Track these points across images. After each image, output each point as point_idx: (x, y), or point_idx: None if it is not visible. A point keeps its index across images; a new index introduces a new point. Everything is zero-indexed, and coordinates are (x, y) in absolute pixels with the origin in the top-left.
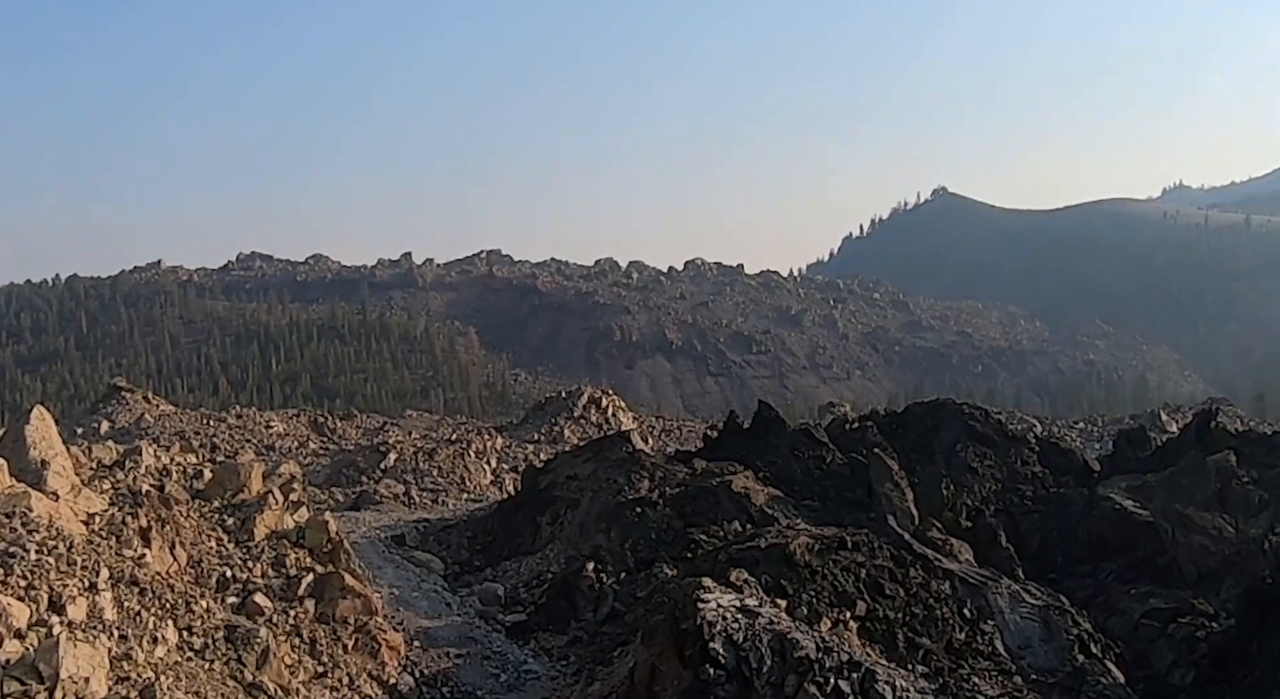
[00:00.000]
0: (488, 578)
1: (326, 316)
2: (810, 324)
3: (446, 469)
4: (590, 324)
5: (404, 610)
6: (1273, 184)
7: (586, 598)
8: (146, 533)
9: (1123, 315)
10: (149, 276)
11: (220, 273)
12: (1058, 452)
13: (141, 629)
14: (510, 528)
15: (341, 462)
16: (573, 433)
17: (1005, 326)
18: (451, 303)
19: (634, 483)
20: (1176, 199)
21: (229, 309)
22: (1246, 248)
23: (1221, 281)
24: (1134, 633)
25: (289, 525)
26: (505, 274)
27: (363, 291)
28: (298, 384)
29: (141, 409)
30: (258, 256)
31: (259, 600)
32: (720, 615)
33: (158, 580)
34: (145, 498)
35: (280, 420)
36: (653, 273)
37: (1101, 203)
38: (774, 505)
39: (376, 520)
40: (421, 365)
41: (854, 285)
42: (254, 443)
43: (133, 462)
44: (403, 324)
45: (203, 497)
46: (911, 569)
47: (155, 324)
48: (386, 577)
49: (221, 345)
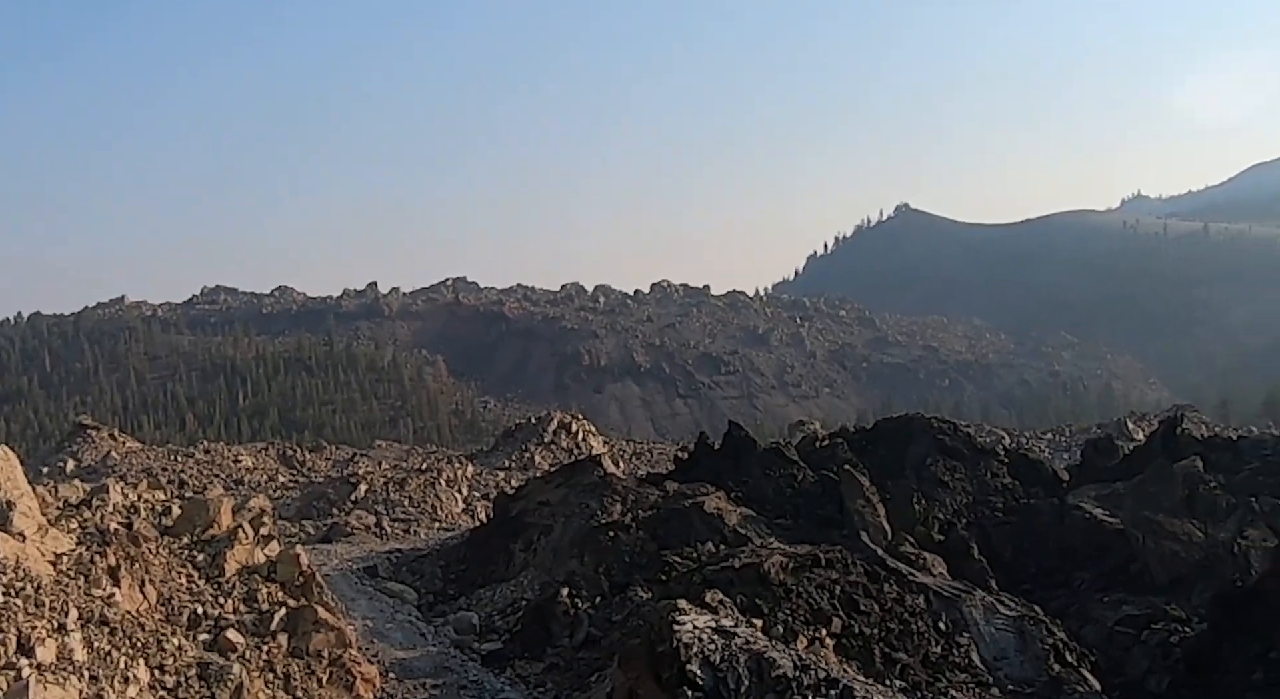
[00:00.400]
0: (462, 607)
1: (293, 348)
2: (778, 343)
3: (417, 499)
4: (558, 349)
5: (378, 642)
6: (1230, 192)
7: (562, 624)
8: (115, 571)
9: (1087, 325)
10: (113, 313)
11: (185, 307)
12: (1027, 463)
13: (113, 669)
14: (483, 556)
15: (311, 494)
16: (543, 458)
17: (971, 340)
18: (418, 331)
19: (606, 507)
20: (1136, 209)
21: (194, 343)
22: (1206, 255)
23: (1183, 289)
24: (1108, 641)
25: (260, 560)
26: (472, 301)
27: (329, 322)
28: (265, 417)
29: (107, 446)
30: (222, 290)
31: (231, 636)
32: (696, 637)
33: (128, 619)
34: (113, 536)
35: (249, 454)
36: (619, 296)
37: (1062, 214)
38: (747, 525)
39: (348, 552)
40: (390, 395)
41: (820, 303)
42: (222, 477)
43: (100, 500)
44: (370, 354)
45: (172, 533)
46: (886, 584)
47: (120, 360)
48: (360, 609)
49: (187, 380)
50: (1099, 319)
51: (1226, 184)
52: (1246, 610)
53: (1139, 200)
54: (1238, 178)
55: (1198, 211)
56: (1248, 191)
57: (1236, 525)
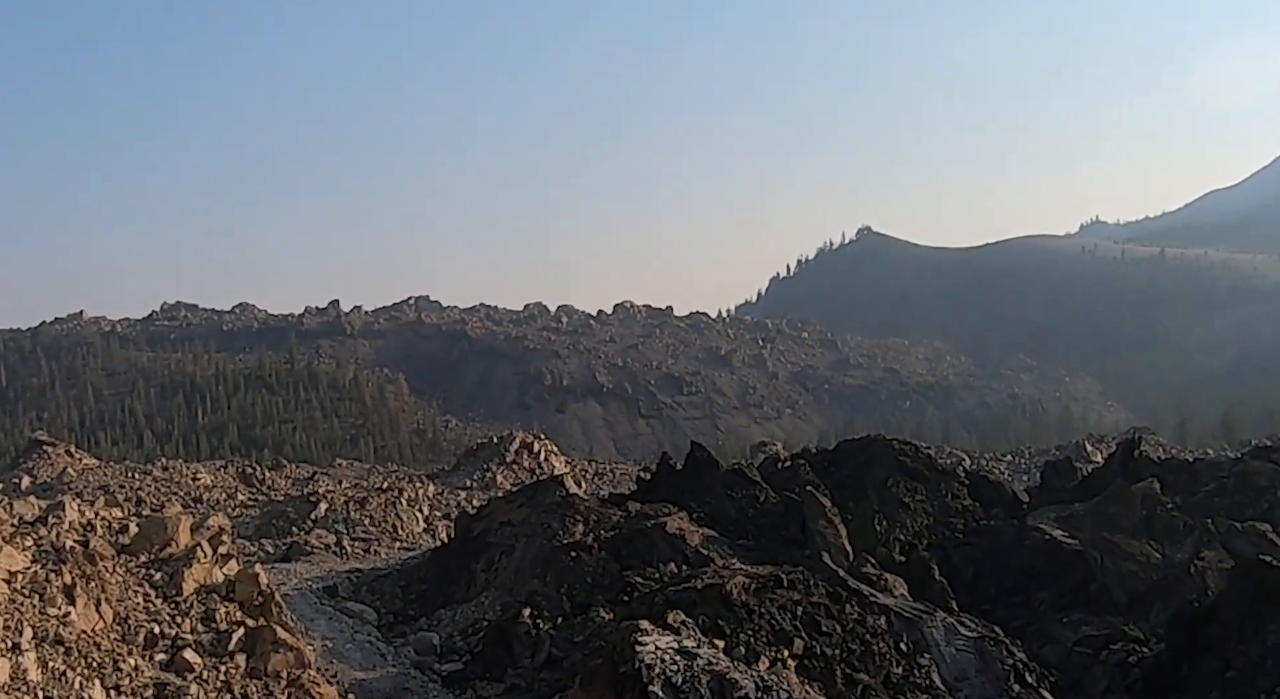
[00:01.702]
0: (422, 627)
1: (253, 366)
2: (740, 364)
3: (378, 518)
4: (521, 369)
5: (338, 663)
6: (1187, 217)
7: (523, 645)
8: (71, 590)
9: (1046, 348)
10: (70, 328)
11: (144, 323)
12: (987, 484)
13: (68, 690)
14: (444, 576)
15: (271, 513)
16: (505, 478)
17: (931, 362)
18: (380, 350)
19: (568, 527)
20: (1094, 234)
21: (154, 360)
22: (1162, 279)
23: (1140, 312)
24: (1068, 660)
25: (218, 579)
26: (434, 320)
27: (290, 340)
28: (225, 435)
29: (64, 463)
30: (183, 306)
31: (188, 657)
32: (659, 658)
33: (83, 639)
34: (69, 554)
35: (207, 472)
36: (582, 316)
37: (1022, 239)
38: (709, 546)
39: (308, 571)
40: (351, 413)
41: (782, 325)
42: (181, 495)
43: (55, 517)
44: (331, 372)
45: (129, 552)
46: (847, 605)
47: (77, 376)
48: (319, 629)
49: (146, 397)
50: (1058, 342)
51: (1183, 209)
52: (1204, 630)
53: (1097, 225)
54: (1194, 203)
55: (1155, 236)
56: (1204, 217)
57: (1194, 546)
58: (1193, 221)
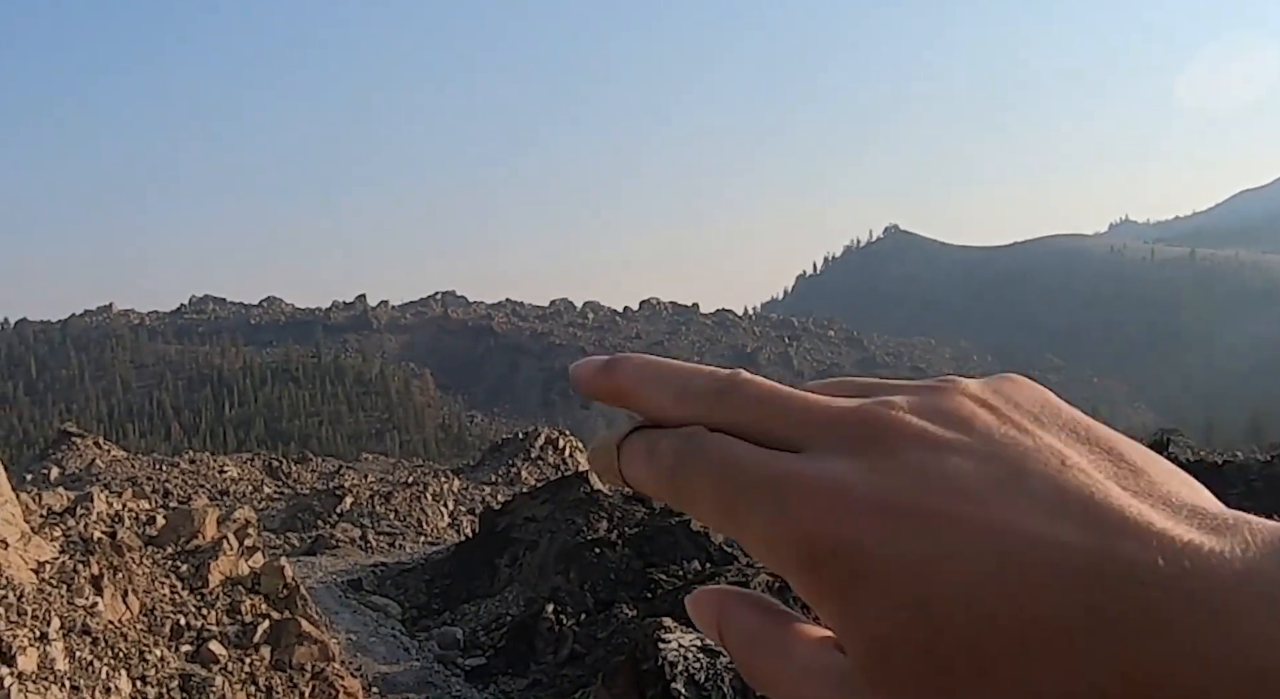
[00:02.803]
0: (446, 622)
1: (280, 359)
2: (765, 362)
3: (403, 512)
4: (546, 364)
5: (362, 656)
6: (1217, 217)
7: (546, 640)
8: (98, 581)
9: (1072, 349)
10: (100, 320)
11: (173, 316)
12: None
13: (94, 679)
14: (468, 571)
15: (297, 506)
16: (530, 474)
17: (958, 362)
18: (406, 345)
19: (592, 523)
20: (1123, 233)
21: (181, 353)
22: (1192, 280)
23: (1168, 314)
24: None
25: (244, 571)
26: (460, 315)
27: (317, 334)
28: (251, 428)
29: (92, 455)
30: (210, 299)
31: (214, 648)
32: (681, 655)
33: (110, 629)
34: (97, 545)
35: (234, 465)
36: (608, 313)
37: (1050, 238)
38: (733, 543)
39: (333, 565)
40: (377, 408)
41: (808, 323)
42: (207, 488)
43: (84, 508)
44: (357, 366)
45: (156, 543)
46: None
47: (106, 368)
48: (344, 622)
49: (174, 389)
50: (1085, 342)
51: (1214, 209)
52: None
53: (1126, 225)
54: (1225, 203)
55: (1184, 237)
56: (1234, 217)
57: None
58: (1223, 221)
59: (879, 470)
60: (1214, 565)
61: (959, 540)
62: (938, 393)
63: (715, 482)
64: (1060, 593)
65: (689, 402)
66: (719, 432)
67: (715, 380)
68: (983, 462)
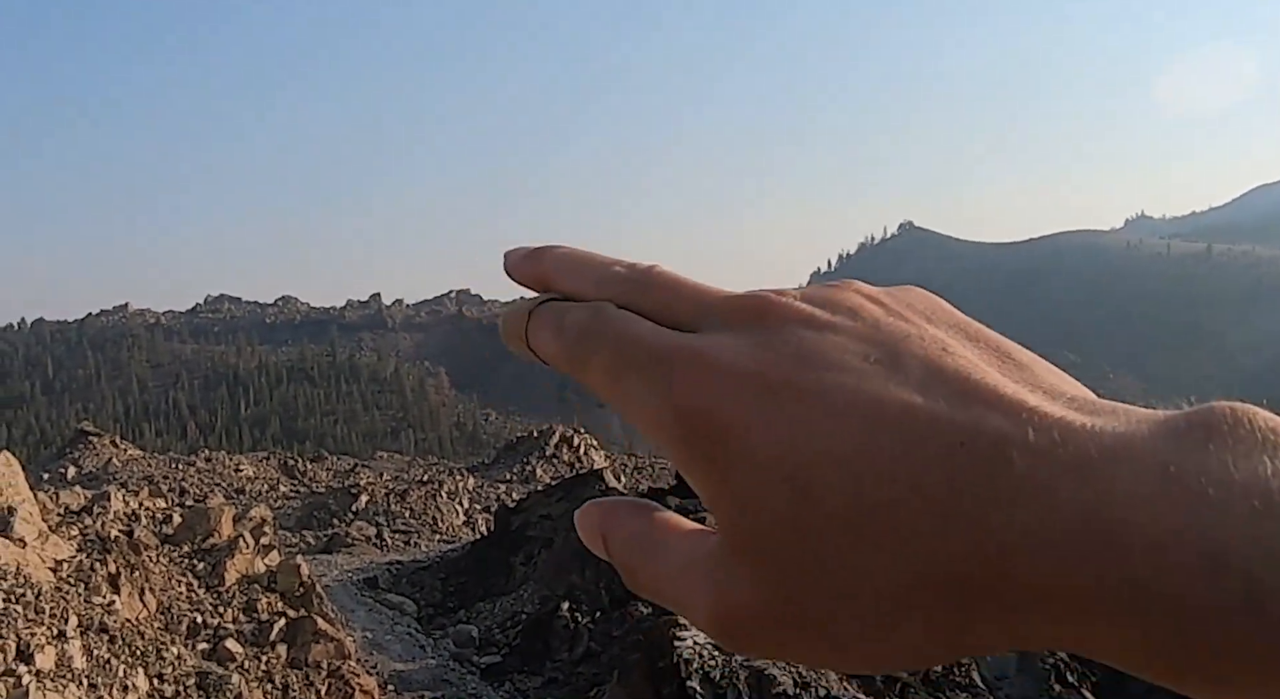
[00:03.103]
0: (461, 620)
1: (295, 358)
2: None
3: (418, 510)
4: None
5: (377, 654)
6: (1233, 213)
7: (561, 638)
8: (115, 579)
9: (1088, 345)
10: (116, 319)
11: (188, 315)
12: None
13: (111, 677)
14: (483, 569)
15: (312, 504)
16: (545, 472)
17: None
18: (421, 343)
19: None
20: (1139, 229)
21: (197, 352)
22: (1208, 276)
23: (1185, 309)
24: None
25: (260, 569)
26: (475, 314)
27: (332, 333)
28: (267, 427)
29: (109, 454)
30: (226, 298)
31: (230, 646)
32: (696, 653)
33: (127, 627)
34: (114, 543)
35: (250, 463)
36: None
37: (1066, 234)
38: None
39: (348, 563)
40: (391, 406)
41: None
42: (223, 486)
43: (101, 507)
44: (372, 365)
45: (172, 542)
46: None
47: (122, 367)
48: (359, 620)
49: (189, 388)
50: (1101, 338)
51: (1230, 205)
52: None
53: (1143, 220)
54: (1241, 199)
55: (1201, 232)
56: (1251, 213)
57: None
58: (1240, 217)
59: (759, 345)
60: (1084, 439)
61: (830, 412)
62: (832, 288)
63: (611, 352)
64: (927, 461)
65: (604, 286)
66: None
67: (630, 268)
68: (861, 342)
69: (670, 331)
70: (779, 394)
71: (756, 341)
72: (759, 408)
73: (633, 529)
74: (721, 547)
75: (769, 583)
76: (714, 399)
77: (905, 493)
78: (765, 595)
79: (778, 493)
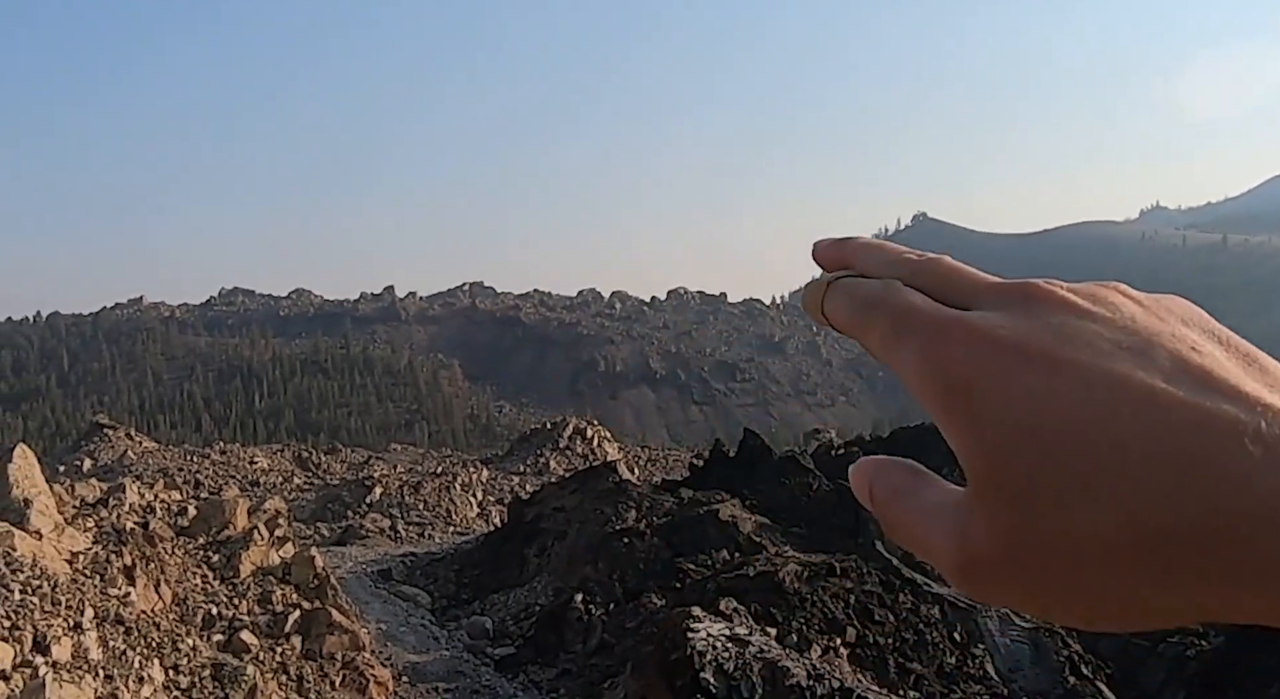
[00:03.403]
0: (475, 611)
1: (309, 351)
2: (794, 351)
3: (432, 502)
4: (574, 355)
5: (392, 645)
6: (1249, 203)
7: (575, 630)
8: (131, 571)
9: None
10: (130, 313)
11: (202, 308)
12: None
13: (127, 669)
14: (497, 561)
15: (326, 496)
16: (558, 464)
17: None
18: (435, 335)
19: (621, 513)
20: (1154, 220)
21: (211, 345)
22: (1224, 267)
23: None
24: (1124, 653)
25: (275, 561)
26: (488, 306)
27: (345, 325)
28: (281, 419)
29: (124, 446)
30: (240, 291)
31: (245, 638)
32: (710, 645)
33: (143, 619)
34: (129, 536)
35: (264, 456)
36: (635, 303)
37: (1081, 225)
38: (762, 533)
39: (363, 555)
40: (405, 398)
41: None
42: (238, 479)
43: (116, 499)
44: (386, 357)
45: (187, 534)
46: (901, 594)
47: (137, 360)
48: (374, 612)
49: (204, 381)
50: None
51: (1246, 195)
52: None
53: (1158, 211)
54: (1257, 189)
55: (1217, 223)
56: (1266, 203)
57: None
58: (1255, 207)
59: (1023, 322)
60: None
61: (1079, 384)
62: (1097, 285)
63: (892, 318)
64: (1165, 436)
65: (894, 267)
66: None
67: (918, 255)
68: (1116, 330)
69: (946, 308)
70: (1034, 363)
71: (1020, 319)
72: (1015, 373)
73: (895, 479)
74: (967, 496)
75: (1007, 531)
76: (976, 362)
77: (1140, 461)
78: (1003, 542)
79: (1024, 450)
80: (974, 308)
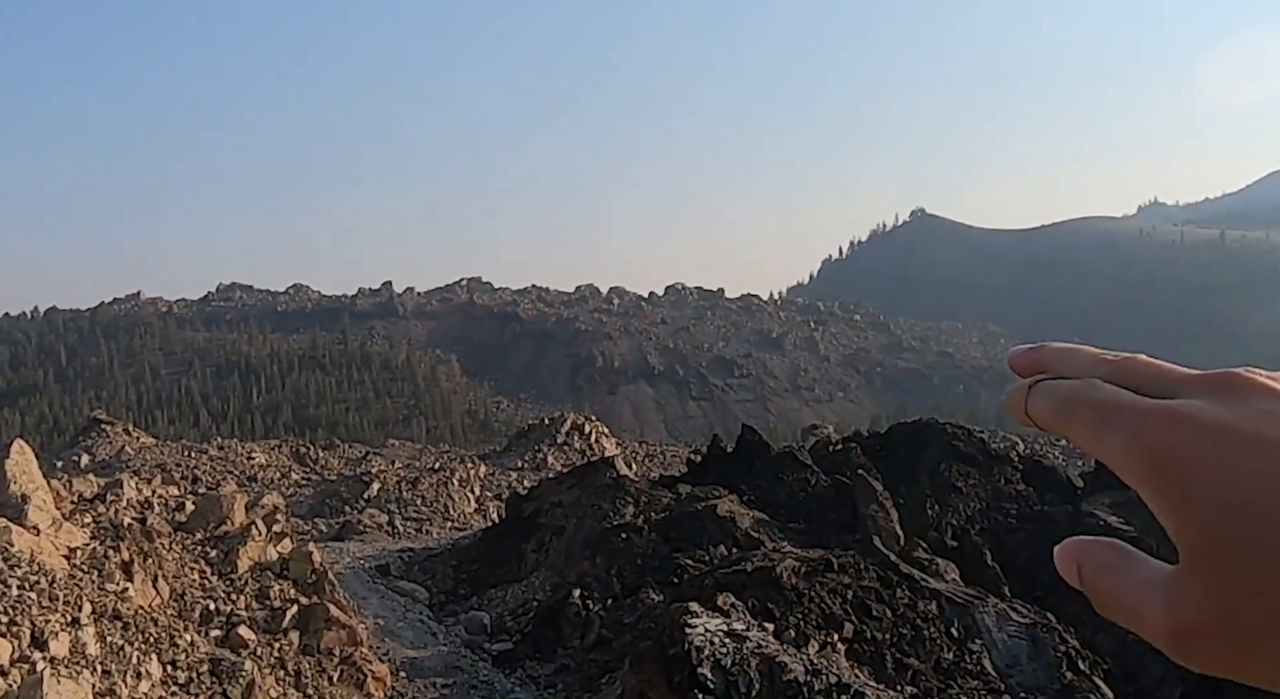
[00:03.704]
0: (473, 607)
1: (307, 346)
2: (791, 347)
3: (430, 498)
4: (572, 350)
5: (389, 641)
6: (1247, 199)
7: (573, 625)
8: (129, 566)
9: (1101, 332)
10: (128, 308)
11: (200, 304)
12: (1041, 469)
13: (125, 664)
14: (495, 556)
15: (324, 492)
16: (556, 460)
17: (986, 346)
18: (433, 331)
19: (619, 509)
20: (1152, 216)
21: (209, 340)
22: (1222, 263)
23: (1198, 297)
24: (1122, 648)
25: (272, 557)
26: (486, 302)
27: (344, 321)
28: (279, 415)
29: (122, 441)
30: (238, 287)
31: (243, 633)
32: (708, 640)
33: (141, 614)
34: (127, 531)
35: (262, 451)
36: (633, 298)
37: (1079, 221)
38: (759, 529)
39: (360, 550)
40: (403, 394)
41: (834, 307)
42: (236, 474)
43: (114, 495)
44: (384, 353)
45: (185, 529)
46: (898, 590)
47: (135, 356)
48: (371, 607)
49: (202, 376)
50: (1114, 326)
51: (1244, 191)
52: None
53: (1156, 207)
54: (1255, 185)
55: (1215, 219)
56: (1264, 199)
57: None
58: (1253, 203)
59: (1227, 406)
60: None
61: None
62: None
63: (1094, 412)
64: None
65: (1093, 368)
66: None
67: (1114, 355)
68: None
69: (1149, 399)
70: (1242, 443)
71: (1224, 404)
72: (1224, 453)
73: (1102, 558)
74: (1179, 570)
75: (1220, 601)
76: (1184, 444)
77: None
78: (1216, 611)
79: (1234, 523)
80: (1176, 397)
